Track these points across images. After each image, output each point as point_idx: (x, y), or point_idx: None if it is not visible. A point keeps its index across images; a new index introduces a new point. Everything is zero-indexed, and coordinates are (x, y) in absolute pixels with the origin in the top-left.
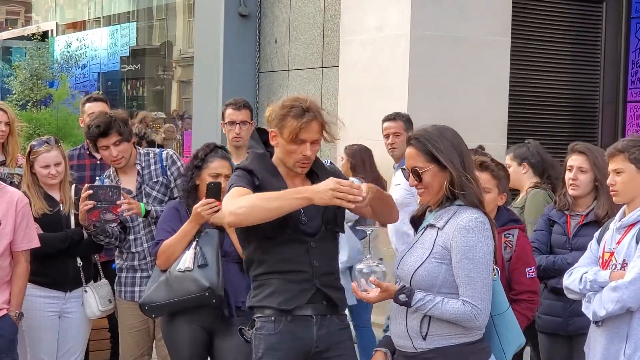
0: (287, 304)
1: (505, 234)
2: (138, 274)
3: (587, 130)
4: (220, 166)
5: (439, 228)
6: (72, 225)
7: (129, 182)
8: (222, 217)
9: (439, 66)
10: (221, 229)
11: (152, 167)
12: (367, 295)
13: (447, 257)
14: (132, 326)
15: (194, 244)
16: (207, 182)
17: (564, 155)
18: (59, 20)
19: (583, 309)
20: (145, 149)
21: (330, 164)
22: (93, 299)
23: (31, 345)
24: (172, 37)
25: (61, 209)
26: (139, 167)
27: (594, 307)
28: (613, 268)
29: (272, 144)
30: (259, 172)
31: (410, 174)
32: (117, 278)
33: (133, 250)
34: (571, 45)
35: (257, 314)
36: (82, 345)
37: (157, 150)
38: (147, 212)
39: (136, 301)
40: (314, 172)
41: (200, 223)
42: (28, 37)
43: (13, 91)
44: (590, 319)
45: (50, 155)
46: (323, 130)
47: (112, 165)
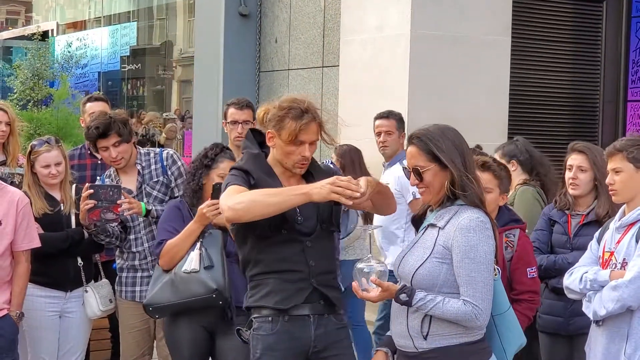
0: (284, 303)
1: (507, 233)
2: (139, 274)
3: (587, 130)
4: (229, 167)
5: (440, 228)
6: (73, 225)
7: (129, 181)
8: None
9: (439, 66)
10: (224, 230)
11: (153, 167)
12: (368, 295)
13: (448, 256)
14: (133, 326)
15: (198, 244)
16: (214, 182)
17: (564, 155)
18: (60, 20)
19: (583, 309)
20: (146, 148)
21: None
22: (94, 298)
23: (32, 345)
24: (173, 36)
25: (62, 208)
26: (139, 167)
27: (594, 306)
28: (613, 267)
29: (269, 145)
30: (254, 172)
31: (412, 173)
32: (117, 278)
33: (134, 249)
34: (571, 45)
35: (254, 314)
36: (82, 345)
37: (157, 150)
38: (148, 212)
39: (137, 301)
40: (309, 172)
41: (205, 224)
42: (28, 37)
43: (14, 90)
44: (591, 318)
45: (51, 155)
46: (321, 131)
47: (112, 166)
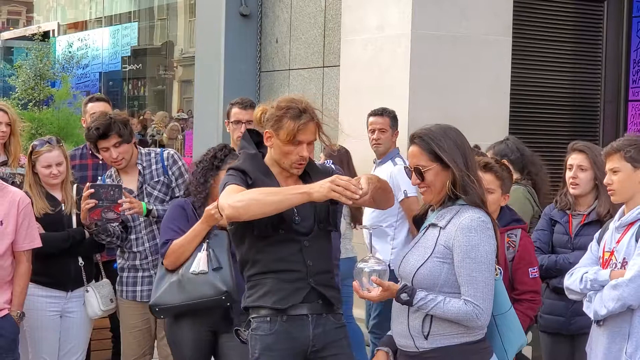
0: (282, 303)
1: (508, 234)
2: (139, 274)
3: (588, 130)
4: None
5: (441, 227)
6: (74, 225)
7: (130, 181)
8: None
9: (440, 66)
10: None
11: (154, 167)
12: (369, 294)
13: (449, 256)
14: (134, 326)
15: (205, 245)
16: None
17: (565, 154)
18: (61, 20)
19: (584, 309)
20: (147, 148)
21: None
22: (94, 298)
23: (33, 345)
24: (174, 37)
25: (63, 208)
26: (140, 167)
27: (595, 306)
28: (613, 267)
29: (266, 144)
30: (251, 172)
31: (413, 172)
32: (118, 278)
33: (134, 249)
34: (572, 44)
35: (253, 315)
36: (83, 345)
37: (158, 149)
38: (149, 212)
39: (138, 301)
40: (306, 172)
41: (212, 225)
42: (29, 37)
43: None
44: (592, 318)
45: (52, 155)
46: (319, 132)
47: (112, 166)
